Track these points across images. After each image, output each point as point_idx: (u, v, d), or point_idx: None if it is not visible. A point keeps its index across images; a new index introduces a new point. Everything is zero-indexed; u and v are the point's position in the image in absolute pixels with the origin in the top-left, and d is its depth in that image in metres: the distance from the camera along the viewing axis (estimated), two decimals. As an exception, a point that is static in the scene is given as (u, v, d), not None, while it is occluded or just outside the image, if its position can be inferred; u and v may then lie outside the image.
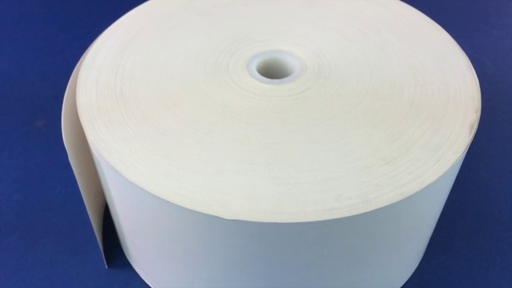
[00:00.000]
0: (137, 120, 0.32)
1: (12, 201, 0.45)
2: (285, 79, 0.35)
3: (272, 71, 0.37)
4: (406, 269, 0.39)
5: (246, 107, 0.33)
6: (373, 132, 0.31)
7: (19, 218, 0.44)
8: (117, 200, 0.33)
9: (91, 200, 0.38)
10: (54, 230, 0.43)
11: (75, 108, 0.33)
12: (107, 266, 0.41)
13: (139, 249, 0.36)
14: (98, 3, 0.69)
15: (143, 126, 0.31)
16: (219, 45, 0.37)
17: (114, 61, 0.36)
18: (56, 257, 0.41)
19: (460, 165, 0.33)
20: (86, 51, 0.37)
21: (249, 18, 0.40)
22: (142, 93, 0.34)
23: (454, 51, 0.37)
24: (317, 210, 0.27)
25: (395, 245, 0.33)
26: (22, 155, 0.49)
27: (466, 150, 0.31)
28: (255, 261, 0.30)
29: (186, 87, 0.34)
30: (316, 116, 0.32)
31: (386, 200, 0.28)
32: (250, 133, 0.31)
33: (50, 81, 0.57)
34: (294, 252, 0.30)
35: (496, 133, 0.52)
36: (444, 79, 0.35)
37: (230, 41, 0.38)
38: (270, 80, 0.35)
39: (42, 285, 0.40)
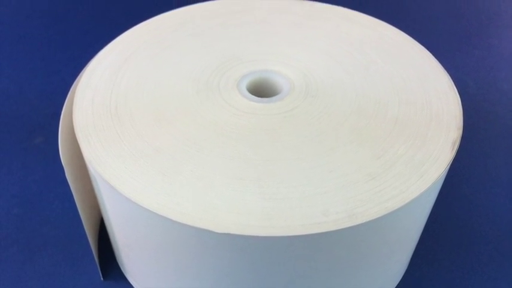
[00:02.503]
0: (131, 137, 0.32)
1: (11, 216, 0.45)
2: (273, 98, 0.35)
3: (261, 90, 0.37)
4: (391, 280, 0.39)
5: (236, 124, 0.33)
6: (359, 149, 0.31)
7: (18, 231, 0.44)
8: (112, 214, 0.33)
9: (87, 215, 0.38)
10: (51, 243, 0.43)
11: (72, 126, 0.33)
12: (102, 278, 0.41)
13: (134, 262, 0.37)
14: (93, 25, 0.69)
15: (137, 144, 0.32)
16: (210, 65, 0.37)
17: (109, 81, 0.36)
18: (53, 269, 0.41)
19: (443, 181, 0.33)
20: (82, 71, 0.37)
21: (239, 40, 0.40)
22: (136, 112, 0.34)
23: (436, 71, 0.37)
24: (305, 224, 0.27)
25: (380, 257, 0.33)
26: (21, 171, 0.49)
27: (449, 167, 0.31)
28: (245, 274, 0.31)
29: (178, 106, 0.34)
30: (304, 134, 0.32)
31: (372, 214, 0.28)
32: (241, 150, 0.31)
33: (48, 100, 0.56)
34: (283, 264, 0.30)
35: (477, 150, 0.52)
36: (427, 98, 0.35)
37: (221, 61, 0.38)
38: (259, 98, 0.35)
39: (39, 297, 0.40)
